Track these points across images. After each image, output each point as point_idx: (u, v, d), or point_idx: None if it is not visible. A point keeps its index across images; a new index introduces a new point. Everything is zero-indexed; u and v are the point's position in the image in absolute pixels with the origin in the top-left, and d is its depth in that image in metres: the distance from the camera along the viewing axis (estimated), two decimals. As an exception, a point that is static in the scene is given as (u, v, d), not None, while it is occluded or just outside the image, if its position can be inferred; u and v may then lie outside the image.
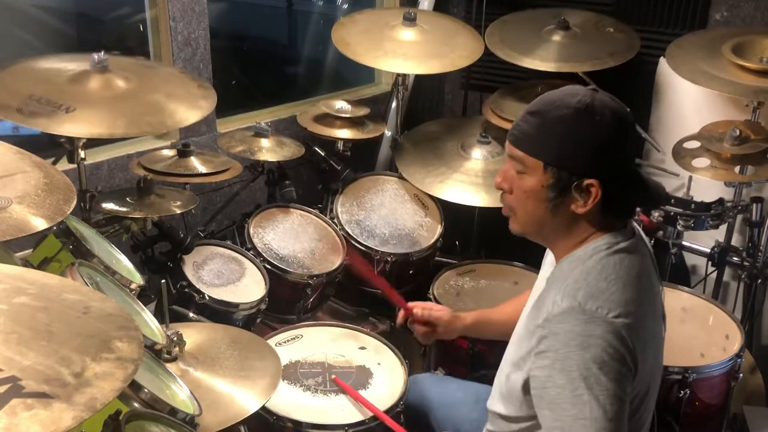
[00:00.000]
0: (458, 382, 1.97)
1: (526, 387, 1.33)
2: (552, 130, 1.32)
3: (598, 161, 1.31)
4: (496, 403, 1.50)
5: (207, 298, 2.05)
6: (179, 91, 2.03)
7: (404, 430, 1.69)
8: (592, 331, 1.23)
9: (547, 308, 1.30)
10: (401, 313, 1.88)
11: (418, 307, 1.86)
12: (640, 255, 1.37)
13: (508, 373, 1.43)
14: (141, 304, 1.62)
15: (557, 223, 1.38)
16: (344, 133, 2.75)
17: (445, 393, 1.90)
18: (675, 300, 2.24)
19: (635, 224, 1.45)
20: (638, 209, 2.36)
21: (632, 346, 1.24)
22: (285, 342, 2.02)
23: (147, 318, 1.59)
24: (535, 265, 2.47)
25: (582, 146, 1.31)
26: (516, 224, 1.44)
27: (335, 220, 2.60)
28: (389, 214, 2.70)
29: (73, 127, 1.76)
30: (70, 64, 1.96)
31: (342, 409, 1.78)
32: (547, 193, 1.34)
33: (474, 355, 2.14)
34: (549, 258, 1.55)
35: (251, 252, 2.31)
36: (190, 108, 1.98)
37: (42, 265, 1.62)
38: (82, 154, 1.96)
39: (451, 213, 2.73)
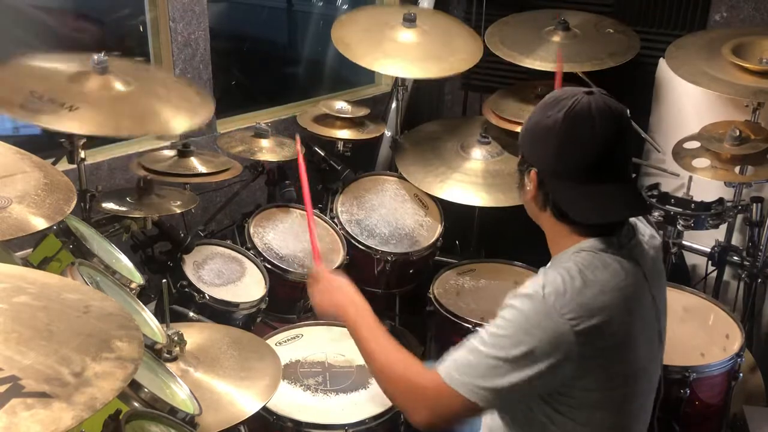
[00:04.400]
0: None
1: None
2: (528, 118, 1.41)
3: (536, 153, 1.37)
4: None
5: (207, 297, 2.05)
6: (177, 100, 2.02)
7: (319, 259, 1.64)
8: (539, 323, 1.25)
9: (522, 288, 1.33)
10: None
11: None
12: (632, 265, 1.35)
13: None
14: (141, 303, 1.62)
15: (529, 209, 1.45)
16: (344, 134, 2.75)
17: None
18: (675, 300, 2.24)
19: (642, 232, 1.44)
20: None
21: (576, 351, 1.25)
22: (285, 341, 2.02)
23: (147, 317, 1.59)
24: (536, 264, 2.47)
25: (530, 136, 1.39)
26: None
27: (335, 220, 2.60)
28: (389, 213, 2.70)
29: (79, 124, 1.75)
30: (68, 64, 1.96)
31: (342, 409, 1.78)
32: (518, 176, 1.44)
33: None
34: None
35: (251, 252, 2.31)
36: (190, 116, 1.97)
37: (42, 265, 1.62)
38: (82, 154, 1.96)
39: (451, 213, 2.73)
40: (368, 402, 1.80)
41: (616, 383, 1.34)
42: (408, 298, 2.72)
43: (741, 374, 2.10)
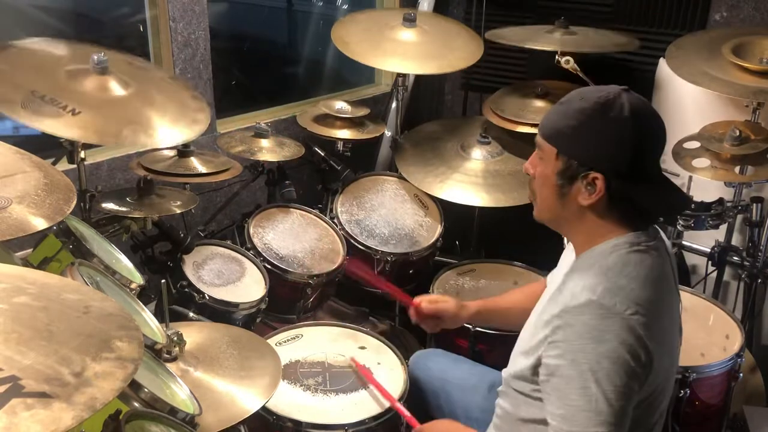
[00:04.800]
0: (472, 364, 1.96)
1: (534, 372, 1.35)
2: (569, 120, 1.34)
3: (606, 156, 1.32)
4: (503, 397, 1.52)
5: (207, 297, 2.05)
6: (174, 105, 2.02)
7: (416, 422, 1.70)
8: (608, 326, 1.24)
9: (564, 300, 1.31)
10: (411, 311, 1.88)
11: (425, 301, 1.87)
12: (662, 258, 1.38)
13: (515, 361, 1.45)
14: (141, 303, 1.62)
15: (567, 213, 1.40)
16: (344, 134, 2.75)
17: (459, 375, 1.90)
18: (675, 300, 2.24)
19: (660, 230, 1.45)
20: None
21: (647, 343, 1.26)
22: (285, 342, 2.02)
23: (147, 318, 1.59)
24: (535, 265, 2.49)
25: (592, 139, 1.32)
26: (536, 210, 1.47)
27: (335, 220, 2.60)
28: (389, 213, 2.70)
29: (81, 131, 1.75)
30: (68, 53, 1.95)
31: (342, 409, 1.78)
32: (557, 180, 1.37)
33: (474, 355, 2.14)
34: (567, 254, 1.56)
35: (251, 252, 2.31)
36: (189, 124, 1.97)
37: (42, 265, 1.62)
38: (82, 154, 1.96)
39: (451, 213, 2.73)
40: (368, 402, 1.80)
41: (656, 380, 1.33)
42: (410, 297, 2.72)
43: (741, 374, 2.10)
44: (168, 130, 1.91)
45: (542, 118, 1.43)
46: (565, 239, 1.63)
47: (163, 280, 1.63)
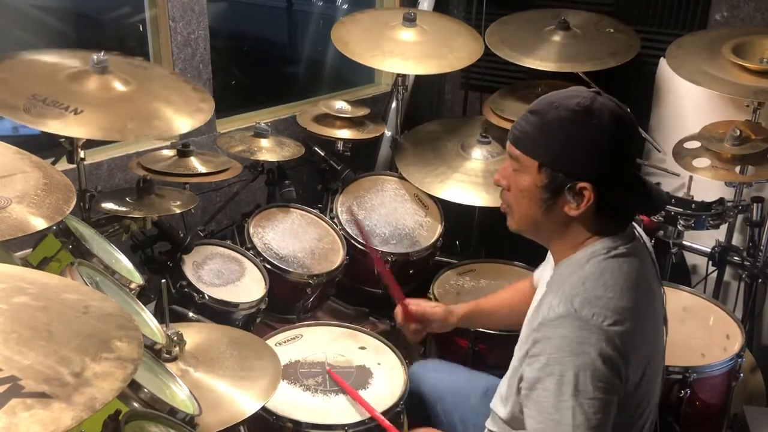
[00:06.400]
0: (468, 371, 1.96)
1: (519, 388, 1.34)
2: (549, 131, 1.31)
3: (593, 165, 1.30)
4: (497, 403, 1.51)
5: (207, 297, 2.05)
6: (177, 99, 2.02)
7: (396, 430, 1.69)
8: (586, 338, 1.23)
9: (543, 312, 1.30)
10: (398, 310, 1.86)
11: (413, 304, 1.86)
12: (639, 259, 1.37)
13: (508, 375, 1.44)
14: (141, 303, 1.62)
15: (551, 224, 1.38)
16: (344, 134, 2.75)
17: (454, 382, 1.90)
18: (675, 300, 2.24)
19: (635, 225, 1.45)
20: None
21: (626, 354, 1.25)
22: (285, 342, 2.02)
23: (147, 318, 1.59)
24: (535, 265, 2.46)
25: (577, 149, 1.30)
26: (512, 222, 1.45)
27: (335, 220, 2.60)
28: (389, 213, 2.70)
29: (84, 129, 1.75)
30: (66, 61, 1.95)
31: (342, 409, 1.78)
32: (541, 194, 1.34)
33: (474, 355, 2.14)
34: (550, 259, 1.55)
35: (251, 252, 2.31)
36: (192, 112, 1.97)
37: (41, 265, 1.62)
38: (81, 154, 1.96)
39: (451, 213, 2.73)
40: (368, 402, 1.80)
41: (639, 386, 1.32)
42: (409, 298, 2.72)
43: (741, 374, 2.09)
44: (176, 119, 1.92)
45: (514, 129, 1.37)
46: None
47: (162, 280, 1.63)
